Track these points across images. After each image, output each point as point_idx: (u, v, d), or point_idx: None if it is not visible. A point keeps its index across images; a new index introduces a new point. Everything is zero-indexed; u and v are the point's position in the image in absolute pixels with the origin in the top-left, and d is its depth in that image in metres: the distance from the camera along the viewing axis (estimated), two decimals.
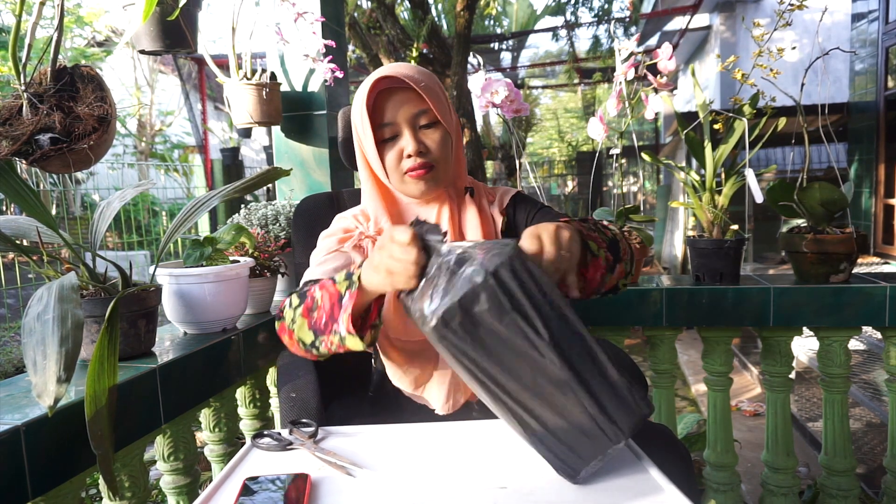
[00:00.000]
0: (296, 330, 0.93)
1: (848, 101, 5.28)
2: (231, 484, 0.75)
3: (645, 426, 1.07)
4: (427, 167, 1.04)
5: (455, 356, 0.70)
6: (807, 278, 1.60)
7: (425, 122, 1.04)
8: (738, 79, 1.55)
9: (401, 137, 1.04)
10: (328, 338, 0.88)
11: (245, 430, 1.56)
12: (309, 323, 0.91)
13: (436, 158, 1.05)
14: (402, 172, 1.05)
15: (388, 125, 1.04)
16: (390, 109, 1.03)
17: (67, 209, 5.50)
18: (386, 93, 1.03)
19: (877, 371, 3.54)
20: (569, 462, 0.71)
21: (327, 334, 0.88)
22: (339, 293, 0.87)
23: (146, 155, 10.13)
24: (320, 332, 0.89)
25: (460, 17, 5.35)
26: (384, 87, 1.03)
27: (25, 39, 0.96)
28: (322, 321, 0.88)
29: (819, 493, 1.68)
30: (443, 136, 1.05)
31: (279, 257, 1.52)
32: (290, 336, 0.95)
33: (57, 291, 0.84)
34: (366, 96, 1.02)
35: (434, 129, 1.05)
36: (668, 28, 8.61)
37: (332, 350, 0.89)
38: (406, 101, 1.03)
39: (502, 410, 0.72)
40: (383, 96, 1.03)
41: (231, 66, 1.70)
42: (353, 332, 0.83)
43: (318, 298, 0.90)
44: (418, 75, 1.03)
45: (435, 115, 1.04)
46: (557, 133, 14.70)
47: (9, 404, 0.90)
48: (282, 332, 0.98)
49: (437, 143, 1.05)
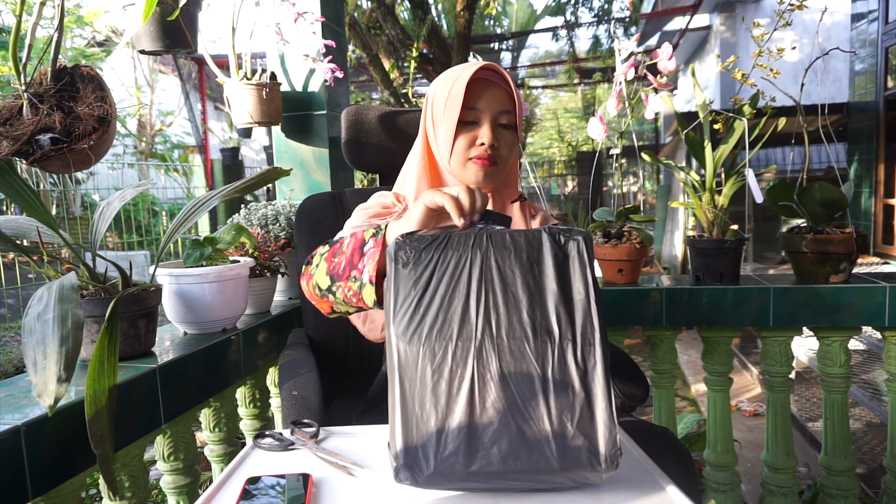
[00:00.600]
0: (315, 274, 0.94)
1: (848, 101, 5.28)
2: (232, 484, 0.75)
3: (646, 427, 1.08)
4: (492, 160, 1.09)
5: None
6: (807, 278, 1.60)
7: (505, 122, 1.10)
8: (738, 79, 1.55)
9: (479, 126, 1.09)
10: (345, 284, 0.88)
11: (245, 430, 1.56)
12: (329, 267, 0.91)
13: (502, 156, 1.10)
14: (468, 157, 1.09)
15: (474, 110, 1.08)
16: (482, 98, 1.08)
17: (67, 209, 5.49)
18: (481, 83, 1.08)
19: (877, 371, 3.54)
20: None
21: (345, 280, 0.88)
22: (362, 240, 0.88)
23: (146, 155, 10.13)
24: (337, 278, 0.89)
25: (460, 17, 5.35)
26: (483, 76, 1.08)
27: (25, 39, 0.96)
28: (341, 266, 0.89)
29: (819, 493, 1.68)
30: (514, 140, 1.12)
31: (279, 257, 1.52)
32: (309, 281, 0.96)
33: (57, 291, 0.84)
34: (467, 77, 1.06)
35: (510, 132, 1.11)
36: (668, 28, 8.61)
37: (347, 296, 0.88)
38: (498, 97, 1.08)
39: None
40: (478, 84, 1.08)
41: (231, 66, 1.70)
42: (374, 282, 0.83)
43: (345, 245, 0.91)
44: (512, 80, 1.10)
45: (515, 119, 1.11)
46: (557, 133, 14.71)
47: (9, 404, 0.90)
48: (303, 277, 0.99)
49: (508, 144, 1.11)
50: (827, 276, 1.57)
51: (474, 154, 1.08)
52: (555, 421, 0.64)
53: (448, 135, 1.08)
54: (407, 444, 0.64)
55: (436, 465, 0.63)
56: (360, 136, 1.40)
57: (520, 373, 0.66)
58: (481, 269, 0.69)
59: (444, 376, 0.65)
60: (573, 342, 0.67)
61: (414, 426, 0.64)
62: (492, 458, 0.63)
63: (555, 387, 0.65)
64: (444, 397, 0.65)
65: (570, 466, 0.64)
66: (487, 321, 0.67)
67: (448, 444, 0.64)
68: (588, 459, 0.64)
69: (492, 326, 0.67)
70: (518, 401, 0.65)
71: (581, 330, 0.68)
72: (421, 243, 0.70)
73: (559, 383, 0.65)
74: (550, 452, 0.64)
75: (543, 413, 0.65)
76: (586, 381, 0.66)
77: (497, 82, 1.09)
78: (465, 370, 0.65)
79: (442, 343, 0.66)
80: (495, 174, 1.11)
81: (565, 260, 0.70)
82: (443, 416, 0.64)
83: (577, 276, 0.70)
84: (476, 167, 1.09)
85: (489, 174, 1.09)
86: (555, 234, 0.71)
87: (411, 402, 0.65)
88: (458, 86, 1.06)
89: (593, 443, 0.64)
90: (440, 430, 0.64)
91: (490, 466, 0.63)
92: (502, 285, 0.69)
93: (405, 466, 0.64)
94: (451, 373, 0.65)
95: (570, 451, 0.64)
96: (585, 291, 0.69)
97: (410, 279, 0.69)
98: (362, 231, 0.90)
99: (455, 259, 0.70)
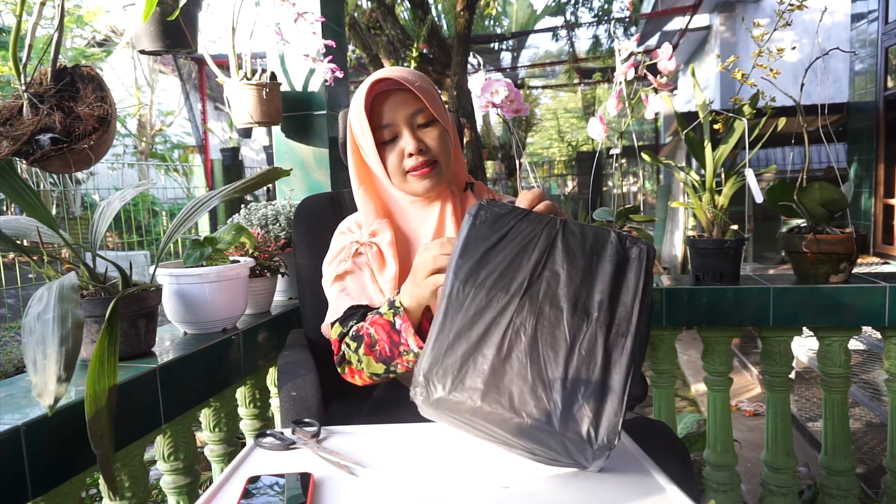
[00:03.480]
0: (365, 368, 1.00)
1: (848, 101, 5.28)
2: (234, 483, 0.75)
3: (643, 424, 1.08)
4: (429, 164, 1.06)
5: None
6: (807, 278, 1.60)
7: (423, 122, 1.07)
8: (737, 79, 1.55)
9: (400, 138, 1.06)
10: (401, 359, 0.96)
11: (245, 430, 1.56)
12: (375, 357, 0.98)
13: (436, 155, 1.07)
14: (405, 172, 1.07)
15: (387, 126, 1.06)
16: (388, 111, 1.05)
17: (67, 209, 5.50)
18: (382, 95, 1.05)
19: (877, 371, 3.54)
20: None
21: (398, 357, 0.96)
22: (388, 322, 0.96)
23: (146, 155, 10.13)
24: (390, 360, 0.97)
25: (460, 17, 5.35)
26: (380, 90, 1.05)
27: (25, 39, 0.96)
28: (386, 350, 0.96)
29: (819, 493, 1.68)
30: (441, 133, 1.08)
31: (279, 257, 1.52)
32: (361, 375, 1.02)
33: (57, 291, 0.84)
34: (363, 100, 1.04)
35: (432, 128, 1.07)
36: (668, 28, 8.61)
37: (408, 367, 0.97)
38: (402, 102, 1.05)
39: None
40: (380, 99, 1.05)
41: (231, 66, 1.70)
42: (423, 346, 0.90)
43: (374, 334, 0.98)
44: (412, 76, 1.05)
45: (431, 113, 1.06)
46: (557, 133, 14.71)
47: (9, 404, 0.90)
48: (352, 375, 1.05)
49: (436, 141, 1.07)
50: (827, 276, 1.57)
51: (408, 166, 1.06)
52: (568, 389, 0.68)
53: (376, 160, 1.07)
54: (431, 365, 0.70)
55: (450, 390, 0.69)
56: None
57: (551, 337, 0.70)
58: (546, 245, 0.75)
59: (484, 319, 0.71)
60: (607, 329, 0.71)
61: (443, 352, 0.71)
62: (502, 402, 0.68)
63: (578, 361, 0.69)
64: (477, 337, 0.71)
65: (568, 434, 0.67)
66: (537, 287, 0.72)
67: (467, 377, 0.69)
68: (587, 436, 0.66)
69: (539, 292, 0.72)
70: (541, 360, 0.69)
71: (618, 321, 0.71)
72: (501, 210, 0.78)
73: (583, 358, 0.69)
74: (556, 415, 0.67)
75: (559, 378, 0.68)
76: (608, 367, 0.69)
77: (397, 88, 1.05)
78: (502, 320, 0.71)
79: (491, 293, 0.72)
80: (440, 174, 1.08)
81: (625, 261, 0.75)
82: (471, 352, 0.70)
83: (632, 277, 0.74)
84: (416, 179, 1.07)
85: (433, 177, 1.07)
86: (622, 237, 0.76)
87: (448, 331, 0.71)
88: (360, 113, 1.04)
89: (596, 423, 0.67)
90: (464, 362, 0.70)
91: (497, 408, 0.68)
92: (561, 262, 0.74)
93: (422, 383, 0.70)
94: (491, 320, 0.71)
95: (574, 421, 0.67)
96: (634, 292, 0.73)
97: (482, 235, 0.76)
98: (380, 316, 0.97)
99: (528, 230, 0.76)
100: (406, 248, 1.13)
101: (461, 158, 1.17)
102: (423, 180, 1.07)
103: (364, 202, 1.13)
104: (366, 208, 1.13)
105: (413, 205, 1.13)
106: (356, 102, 1.06)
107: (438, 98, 1.10)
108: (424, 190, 1.08)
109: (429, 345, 0.72)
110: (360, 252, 1.12)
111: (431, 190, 1.09)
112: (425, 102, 1.05)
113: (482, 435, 0.73)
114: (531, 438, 0.69)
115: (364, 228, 1.13)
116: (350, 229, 1.17)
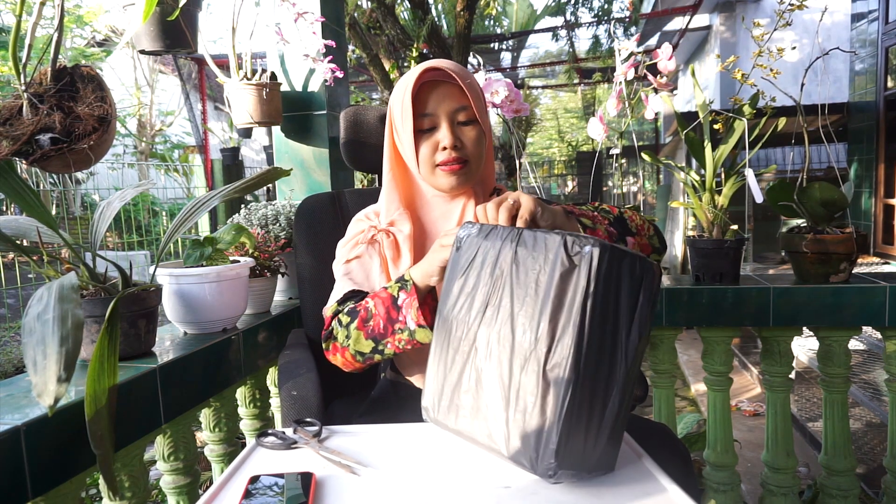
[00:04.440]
0: (351, 345, 0.98)
1: (848, 101, 5.28)
2: (235, 483, 0.75)
3: (645, 425, 1.08)
4: (460, 162, 1.06)
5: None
6: (807, 278, 1.60)
7: (464, 119, 1.06)
8: (738, 79, 1.55)
9: (438, 130, 1.05)
10: (393, 338, 0.94)
11: (245, 430, 1.56)
12: (366, 333, 0.96)
13: (469, 154, 1.07)
14: (435, 164, 1.07)
15: (428, 116, 1.05)
16: (433, 101, 1.04)
17: (67, 209, 5.50)
18: (430, 84, 1.04)
19: (877, 371, 3.54)
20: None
21: (390, 335, 0.94)
22: (391, 296, 0.95)
23: (146, 155, 10.12)
24: (381, 337, 0.95)
25: (460, 17, 5.35)
26: (429, 78, 1.05)
27: (25, 39, 0.96)
28: (381, 326, 0.95)
29: (819, 493, 1.68)
30: (478, 134, 1.07)
31: (279, 257, 1.52)
32: (344, 353, 1.00)
33: (57, 291, 0.84)
34: (412, 84, 1.02)
35: (471, 127, 1.07)
36: (668, 28, 8.60)
37: (399, 348, 0.95)
38: (448, 96, 1.04)
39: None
40: (427, 87, 1.05)
41: (231, 66, 1.70)
42: (423, 324, 0.91)
43: (371, 308, 0.97)
44: (462, 73, 1.04)
45: (474, 112, 1.06)
46: (557, 133, 14.71)
47: (9, 404, 0.90)
48: (333, 352, 1.03)
49: (472, 141, 1.07)
50: (827, 276, 1.57)
51: (440, 160, 1.05)
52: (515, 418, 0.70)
53: (409, 147, 1.06)
54: (429, 392, 0.81)
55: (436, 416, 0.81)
56: (360, 137, 1.40)
57: (501, 362, 0.72)
58: (503, 264, 0.75)
59: (453, 346, 0.79)
60: (547, 353, 0.67)
61: (432, 380, 0.81)
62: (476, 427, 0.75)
63: (521, 386, 0.70)
64: (450, 363, 0.78)
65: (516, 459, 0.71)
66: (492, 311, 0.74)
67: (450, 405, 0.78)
68: (529, 464, 0.69)
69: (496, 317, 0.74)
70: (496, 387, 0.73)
71: (558, 345, 0.67)
72: (472, 231, 0.82)
73: (524, 385, 0.69)
74: (507, 433, 0.71)
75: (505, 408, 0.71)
76: (545, 393, 0.67)
77: (446, 80, 1.04)
78: (468, 346, 0.77)
79: (458, 323, 0.78)
80: (468, 174, 1.07)
81: (570, 269, 0.68)
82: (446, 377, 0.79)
83: (580, 288, 0.66)
84: (444, 174, 1.06)
85: (461, 176, 1.06)
86: (567, 242, 0.69)
87: (434, 362, 0.81)
88: (406, 95, 1.03)
89: (536, 454, 0.68)
90: (442, 386, 0.79)
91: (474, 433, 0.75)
92: (513, 281, 0.73)
93: (425, 408, 0.82)
94: (457, 346, 0.78)
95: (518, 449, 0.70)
96: (582, 307, 0.66)
97: (457, 262, 0.81)
98: (385, 290, 0.97)
99: (489, 250, 0.78)
100: (422, 238, 1.13)
101: (491, 163, 1.17)
102: (451, 176, 1.06)
103: (390, 188, 1.12)
104: (390, 196, 1.12)
105: (436, 198, 1.13)
106: (402, 86, 1.05)
107: (484, 100, 1.09)
108: (450, 186, 1.08)
109: (427, 375, 0.82)
110: (375, 238, 1.11)
111: (457, 188, 1.08)
112: (470, 101, 1.04)
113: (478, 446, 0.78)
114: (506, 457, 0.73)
115: (383, 216, 1.12)
116: (368, 216, 1.16)
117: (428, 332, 0.91)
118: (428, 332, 0.91)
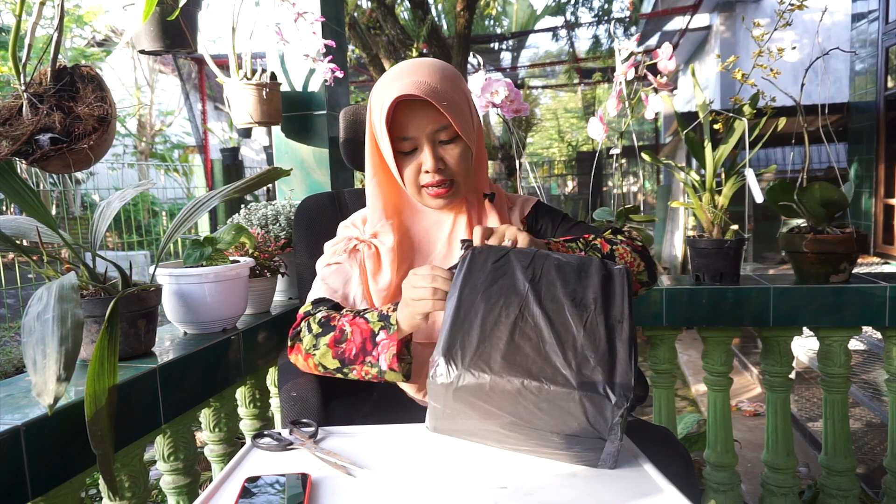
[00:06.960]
0: (317, 356, 0.96)
1: (848, 101, 5.28)
2: (231, 484, 0.75)
3: (645, 428, 1.08)
4: (446, 185, 1.03)
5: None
6: (807, 278, 1.60)
7: (446, 138, 1.01)
8: (738, 79, 1.55)
9: (420, 151, 1.02)
10: (361, 367, 0.92)
11: (245, 430, 1.56)
12: (335, 353, 0.94)
13: (455, 174, 1.03)
14: (420, 186, 1.04)
15: (409, 139, 1.01)
16: (412, 125, 1.00)
17: (67, 209, 5.50)
18: (407, 104, 0.99)
19: (877, 371, 3.54)
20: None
21: (359, 364, 0.92)
22: (371, 330, 0.92)
23: (146, 155, 10.13)
24: (349, 363, 0.93)
25: (460, 17, 5.35)
26: (405, 98, 0.98)
27: (25, 39, 0.96)
28: (352, 352, 0.92)
29: (819, 493, 1.68)
30: (462, 151, 1.03)
31: (279, 257, 1.52)
32: (307, 359, 0.98)
33: (57, 291, 0.84)
34: (386, 113, 0.97)
35: (454, 145, 1.02)
36: (668, 28, 8.61)
37: (363, 377, 0.93)
38: (427, 117, 0.99)
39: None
40: (403, 108, 0.99)
41: (231, 66, 1.70)
42: (396, 369, 0.89)
43: (348, 332, 0.94)
44: (441, 86, 0.98)
45: (455, 130, 1.00)
46: (557, 133, 14.70)
47: (9, 404, 0.90)
48: (296, 353, 1.00)
49: (456, 159, 1.02)
50: (827, 276, 1.57)
51: (424, 182, 1.02)
52: (580, 356, 0.74)
53: (393, 167, 1.03)
54: (450, 346, 0.76)
55: (469, 364, 0.74)
56: (359, 137, 1.40)
57: (557, 323, 0.77)
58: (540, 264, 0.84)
59: (493, 313, 0.78)
60: (605, 315, 0.78)
61: (460, 335, 0.77)
62: (520, 371, 0.73)
63: (584, 337, 0.76)
64: (490, 326, 0.77)
65: (587, 391, 0.71)
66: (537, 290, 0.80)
67: (485, 353, 0.75)
68: (603, 390, 0.71)
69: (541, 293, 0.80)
70: (551, 338, 0.76)
71: (614, 312, 0.79)
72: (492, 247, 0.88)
73: (588, 335, 0.76)
74: (572, 376, 0.72)
75: (570, 350, 0.75)
76: (612, 341, 0.76)
77: (423, 99, 0.97)
78: (511, 312, 0.78)
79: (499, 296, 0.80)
80: (456, 193, 1.05)
81: (609, 274, 0.84)
82: (486, 335, 0.77)
83: (618, 288, 0.83)
84: (431, 196, 1.04)
85: (448, 199, 1.04)
86: (605, 261, 0.87)
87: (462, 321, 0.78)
88: (381, 120, 0.98)
89: (610, 380, 0.72)
90: (481, 343, 0.76)
91: (516, 377, 0.73)
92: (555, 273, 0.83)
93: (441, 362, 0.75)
94: (500, 313, 0.78)
95: (589, 380, 0.72)
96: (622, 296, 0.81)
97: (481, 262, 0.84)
98: (366, 321, 0.94)
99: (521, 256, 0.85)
100: (410, 249, 1.10)
101: (484, 166, 1.13)
102: (438, 199, 1.04)
103: (374, 196, 1.08)
104: (375, 204, 1.08)
105: (426, 210, 1.11)
106: (378, 105, 1.00)
107: (466, 110, 1.03)
108: (437, 207, 1.06)
109: (444, 332, 0.77)
110: (357, 248, 1.10)
111: (445, 207, 1.07)
112: (451, 120, 0.98)
113: (491, 432, 0.76)
114: (548, 414, 0.72)
115: (367, 225, 1.10)
116: (354, 224, 1.14)
117: (398, 376, 0.90)
118: (398, 375, 0.89)
